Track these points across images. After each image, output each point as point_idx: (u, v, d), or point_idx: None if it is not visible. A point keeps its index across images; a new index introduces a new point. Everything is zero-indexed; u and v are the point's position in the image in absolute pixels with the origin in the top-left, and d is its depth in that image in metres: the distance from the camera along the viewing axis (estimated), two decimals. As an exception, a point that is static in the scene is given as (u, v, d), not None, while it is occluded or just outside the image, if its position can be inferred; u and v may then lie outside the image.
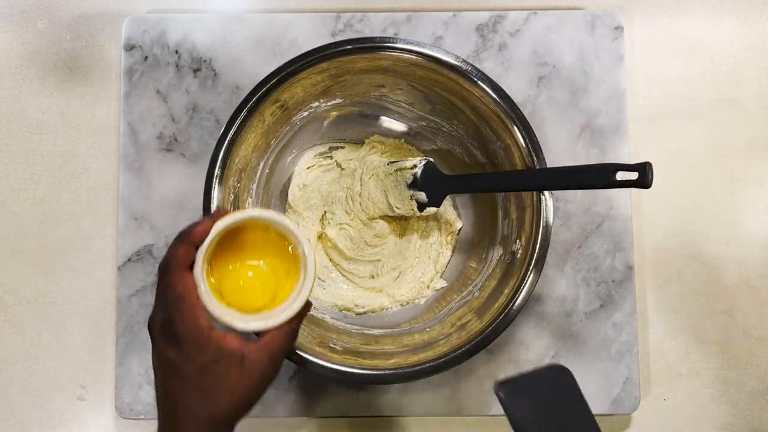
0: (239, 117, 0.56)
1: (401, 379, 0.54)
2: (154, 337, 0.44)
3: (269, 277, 0.49)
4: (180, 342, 0.42)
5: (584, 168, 0.54)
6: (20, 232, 0.68)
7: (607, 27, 0.70)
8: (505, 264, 0.61)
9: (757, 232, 0.70)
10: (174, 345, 0.42)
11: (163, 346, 0.43)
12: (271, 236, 0.48)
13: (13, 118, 0.69)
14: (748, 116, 0.71)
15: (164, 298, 0.43)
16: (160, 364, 0.44)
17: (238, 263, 0.48)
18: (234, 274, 0.48)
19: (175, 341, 0.42)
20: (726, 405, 0.68)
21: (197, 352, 0.42)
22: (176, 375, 0.43)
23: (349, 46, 0.57)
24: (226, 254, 0.48)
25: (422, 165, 0.63)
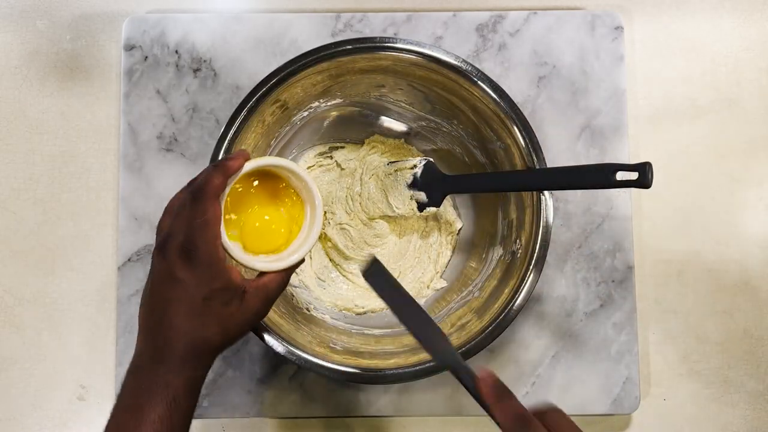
0: (239, 117, 0.56)
1: (401, 379, 0.54)
2: (166, 257, 0.43)
3: (280, 223, 0.52)
4: (196, 265, 0.43)
5: (584, 168, 0.54)
6: (20, 232, 0.68)
7: (607, 27, 0.70)
8: (505, 264, 0.61)
9: (757, 232, 0.70)
10: (189, 267, 0.43)
11: (178, 266, 0.43)
12: (286, 188, 0.52)
13: (13, 118, 0.70)
14: (748, 116, 0.71)
15: (190, 220, 0.43)
16: (165, 285, 0.43)
17: (255, 206, 0.51)
18: (249, 216, 0.51)
19: (192, 264, 0.42)
20: (726, 405, 0.68)
21: (210, 278, 0.43)
22: (183, 298, 0.43)
23: (349, 46, 0.57)
24: (242, 195, 0.51)
25: (422, 165, 0.63)
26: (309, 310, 0.64)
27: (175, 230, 0.44)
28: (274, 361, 0.65)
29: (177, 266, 0.43)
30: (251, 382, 0.65)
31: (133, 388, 0.43)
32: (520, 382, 0.66)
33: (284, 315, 0.59)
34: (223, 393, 0.65)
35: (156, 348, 0.43)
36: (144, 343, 0.44)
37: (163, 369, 0.43)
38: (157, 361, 0.43)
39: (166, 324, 0.43)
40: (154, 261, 0.45)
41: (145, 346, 0.44)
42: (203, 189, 0.44)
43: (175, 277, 0.43)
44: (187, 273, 0.43)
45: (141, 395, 0.42)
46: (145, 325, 0.44)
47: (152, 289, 0.44)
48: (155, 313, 0.44)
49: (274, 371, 0.65)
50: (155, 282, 0.44)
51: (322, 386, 0.65)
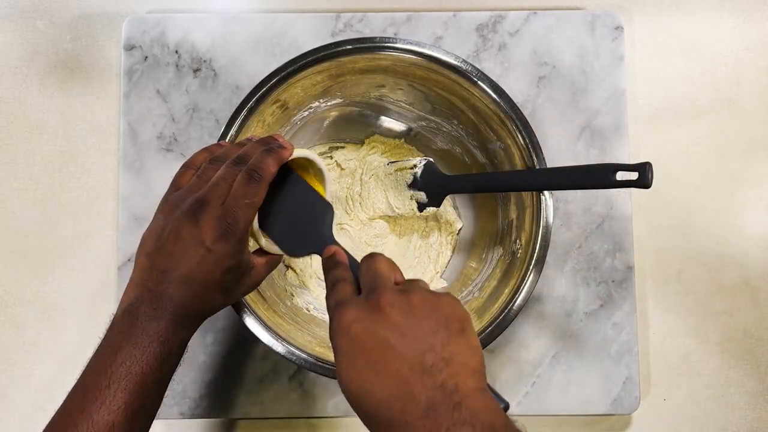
0: (239, 117, 0.56)
1: (401, 379, 0.54)
2: (199, 223, 0.43)
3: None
4: (229, 241, 0.44)
5: (584, 168, 0.54)
6: (20, 232, 0.68)
7: (607, 27, 0.70)
8: (505, 264, 0.61)
9: (757, 232, 0.70)
10: (222, 241, 0.43)
11: (211, 237, 0.43)
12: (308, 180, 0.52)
13: (13, 118, 0.70)
14: (748, 116, 0.71)
15: (239, 198, 0.44)
16: (189, 249, 0.43)
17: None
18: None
19: (226, 239, 0.43)
20: (726, 405, 0.68)
21: (234, 254, 0.44)
22: (204, 268, 0.44)
23: (349, 46, 0.57)
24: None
25: (422, 165, 0.63)
26: (309, 310, 0.64)
27: (213, 198, 0.44)
28: (274, 361, 0.65)
29: (209, 237, 0.43)
30: (251, 382, 0.65)
31: (127, 334, 0.43)
32: (520, 382, 0.66)
33: (284, 315, 0.59)
34: (223, 393, 0.65)
35: (160, 304, 0.43)
36: (146, 293, 0.44)
37: (162, 325, 0.43)
38: (157, 317, 0.43)
39: (179, 286, 0.43)
40: (178, 218, 0.44)
41: (146, 296, 0.44)
42: (260, 173, 0.45)
43: (205, 245, 0.43)
44: (218, 245, 0.43)
45: (136, 344, 0.42)
46: (150, 277, 0.44)
47: (169, 246, 0.44)
48: (169, 271, 0.44)
49: (274, 371, 0.65)
50: (173, 240, 0.44)
51: (322, 386, 0.65)
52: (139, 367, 0.42)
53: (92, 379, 0.42)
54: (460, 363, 0.35)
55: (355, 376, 0.36)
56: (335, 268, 0.44)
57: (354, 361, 0.36)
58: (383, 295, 0.38)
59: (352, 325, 0.37)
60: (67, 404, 0.42)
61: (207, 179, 0.45)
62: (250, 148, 0.47)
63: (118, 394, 0.41)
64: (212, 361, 0.65)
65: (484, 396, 0.35)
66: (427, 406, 0.33)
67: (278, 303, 0.60)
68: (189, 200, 0.44)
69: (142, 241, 0.46)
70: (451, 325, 0.37)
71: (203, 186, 0.45)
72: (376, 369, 0.35)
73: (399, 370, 0.35)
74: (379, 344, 0.36)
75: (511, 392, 0.65)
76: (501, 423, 0.33)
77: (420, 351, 0.35)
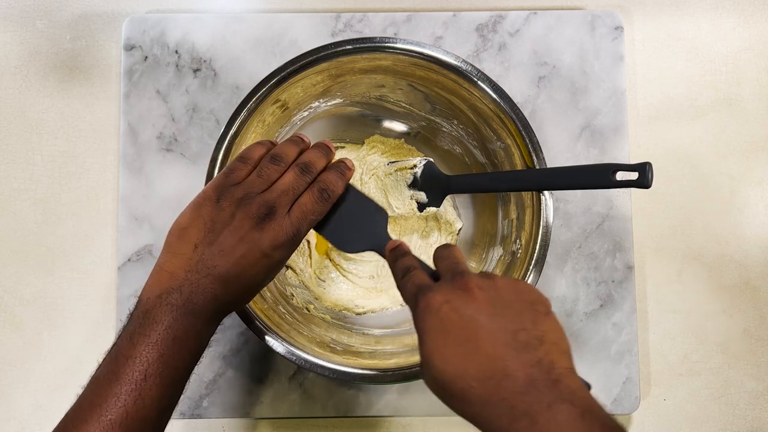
0: (239, 117, 0.56)
1: (401, 379, 0.54)
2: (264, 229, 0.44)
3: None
4: (288, 250, 0.46)
5: (584, 168, 0.54)
6: (20, 232, 0.68)
7: (607, 27, 0.70)
8: (505, 264, 0.61)
9: (757, 232, 0.70)
10: (283, 250, 0.45)
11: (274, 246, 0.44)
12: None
13: (13, 118, 0.70)
14: (748, 116, 0.71)
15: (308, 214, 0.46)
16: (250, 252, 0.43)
17: None
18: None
19: (288, 249, 0.45)
20: (726, 405, 0.68)
21: (285, 260, 0.46)
22: (257, 270, 0.44)
23: (349, 46, 0.57)
24: None
25: (422, 165, 0.63)
26: (309, 310, 0.64)
27: (281, 206, 0.45)
28: (274, 361, 0.65)
29: (270, 244, 0.44)
30: (251, 382, 0.65)
31: (167, 326, 0.41)
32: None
33: (284, 315, 0.59)
34: (223, 393, 0.65)
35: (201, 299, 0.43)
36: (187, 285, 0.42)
37: (201, 320, 0.43)
38: (196, 312, 0.42)
39: (225, 284, 0.43)
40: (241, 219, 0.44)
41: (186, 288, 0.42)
42: (330, 193, 0.47)
43: (263, 251, 0.44)
44: (275, 253, 0.45)
45: (176, 338, 0.42)
46: (196, 269, 0.43)
47: (226, 243, 0.43)
48: (219, 267, 0.43)
49: (274, 371, 0.65)
50: (232, 239, 0.43)
51: (322, 386, 0.65)
52: (174, 361, 0.41)
53: (127, 368, 0.40)
54: (551, 342, 0.36)
55: (447, 356, 0.36)
56: (404, 257, 0.45)
57: (445, 341, 0.36)
58: (470, 278, 0.39)
59: (442, 306, 0.37)
60: (96, 391, 0.40)
61: (267, 178, 0.46)
62: (312, 156, 0.48)
63: (153, 389, 0.40)
64: (212, 361, 0.65)
65: (576, 376, 0.36)
66: (527, 382, 0.34)
67: (278, 303, 0.60)
68: (256, 203, 0.44)
69: (185, 228, 0.44)
70: (537, 306, 0.38)
71: (263, 185, 0.45)
72: (469, 348, 0.36)
73: (493, 347, 0.35)
74: (471, 323, 0.36)
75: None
76: (595, 403, 0.34)
77: (512, 329, 0.36)
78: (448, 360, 0.36)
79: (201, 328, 0.43)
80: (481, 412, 0.35)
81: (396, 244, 0.47)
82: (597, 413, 0.33)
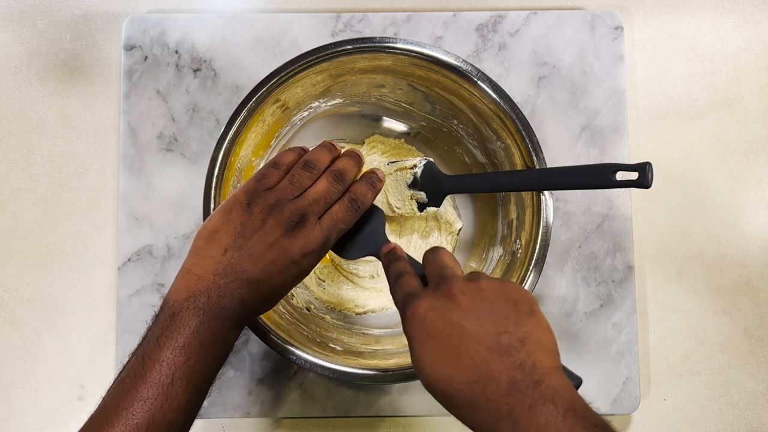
0: (239, 117, 0.56)
1: (401, 379, 0.54)
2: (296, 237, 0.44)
3: None
4: (316, 258, 0.46)
5: (584, 168, 0.54)
6: (20, 232, 0.68)
7: (607, 27, 0.70)
8: (505, 264, 0.61)
9: (757, 232, 0.70)
10: (312, 257, 0.45)
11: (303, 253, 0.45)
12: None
13: (13, 118, 0.70)
14: (748, 116, 0.71)
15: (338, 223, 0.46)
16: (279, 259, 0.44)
17: None
18: None
19: (316, 257, 0.46)
20: (726, 405, 0.68)
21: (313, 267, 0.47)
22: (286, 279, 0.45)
23: (349, 46, 0.57)
24: None
25: (422, 165, 0.63)
26: (309, 310, 0.64)
27: (312, 214, 0.45)
28: (274, 361, 0.65)
29: (300, 252, 0.44)
30: (251, 382, 0.65)
31: (194, 330, 0.41)
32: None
33: (284, 315, 0.59)
34: (223, 393, 0.65)
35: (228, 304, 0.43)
36: (215, 289, 0.42)
37: (227, 324, 0.43)
38: (223, 316, 0.42)
39: (253, 289, 0.43)
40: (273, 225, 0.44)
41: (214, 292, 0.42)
42: (360, 204, 0.48)
43: (293, 258, 0.44)
44: (305, 260, 0.45)
45: (203, 342, 0.42)
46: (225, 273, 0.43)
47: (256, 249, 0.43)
48: (248, 272, 0.43)
49: (274, 371, 0.65)
50: (262, 244, 0.43)
51: (322, 386, 0.65)
52: (201, 366, 0.41)
53: (155, 371, 0.40)
54: (534, 341, 0.37)
55: (434, 362, 0.37)
56: (397, 262, 0.46)
57: (432, 347, 0.37)
58: (454, 283, 0.39)
59: (427, 314, 0.38)
60: (124, 392, 0.40)
61: (299, 185, 0.46)
62: (346, 164, 0.49)
63: (181, 393, 0.40)
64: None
65: (561, 374, 0.37)
66: (509, 385, 0.35)
67: (278, 303, 0.60)
68: (288, 210, 0.44)
69: (214, 231, 0.44)
70: (520, 307, 0.38)
71: (295, 192, 0.45)
72: (455, 353, 0.37)
73: (477, 352, 0.36)
74: (455, 329, 0.37)
75: (511, 392, 0.65)
76: (579, 401, 0.35)
77: (495, 332, 0.37)
78: (435, 366, 0.37)
79: (227, 332, 0.43)
80: (468, 414, 0.36)
81: (389, 248, 0.48)
82: (581, 411, 0.34)
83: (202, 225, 0.45)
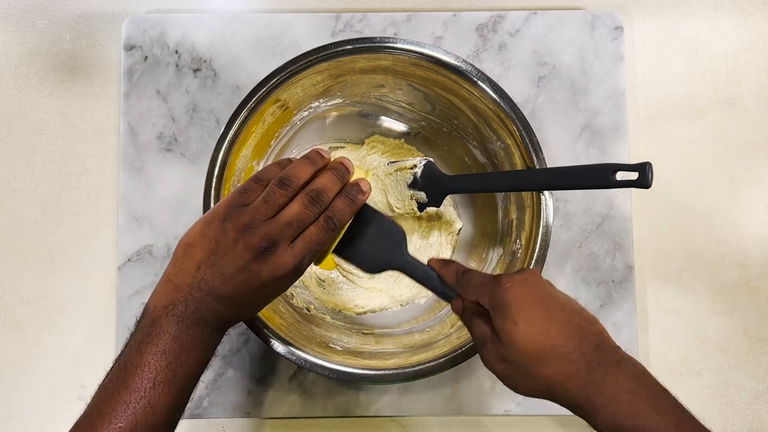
0: (239, 117, 0.56)
1: (401, 379, 0.54)
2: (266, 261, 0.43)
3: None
4: (289, 281, 0.45)
5: (584, 168, 0.54)
6: (20, 232, 0.68)
7: (607, 27, 0.70)
8: (505, 264, 0.61)
9: (757, 232, 0.70)
10: (284, 281, 0.45)
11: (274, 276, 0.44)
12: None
13: (13, 118, 0.70)
14: (748, 116, 0.71)
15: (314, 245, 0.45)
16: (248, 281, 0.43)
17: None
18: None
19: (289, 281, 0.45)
20: (726, 405, 0.68)
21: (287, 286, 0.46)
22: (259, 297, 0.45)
23: (349, 46, 0.57)
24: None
25: (422, 165, 0.63)
26: (309, 310, 0.64)
27: (284, 239, 0.43)
28: (274, 361, 0.65)
29: (270, 276, 0.43)
30: (251, 382, 0.65)
31: (173, 336, 0.42)
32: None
33: (284, 315, 0.59)
34: (223, 393, 0.65)
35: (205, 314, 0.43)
36: (191, 300, 0.43)
37: (207, 331, 0.44)
38: (201, 324, 0.43)
39: (226, 305, 0.44)
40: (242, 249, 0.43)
41: (191, 304, 0.43)
42: (337, 222, 0.46)
43: (263, 281, 0.43)
44: (276, 284, 0.44)
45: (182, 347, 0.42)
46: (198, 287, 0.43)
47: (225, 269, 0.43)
48: (219, 288, 0.43)
49: (274, 371, 0.65)
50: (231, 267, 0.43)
51: (322, 386, 0.65)
52: (183, 370, 0.42)
53: (135, 377, 0.41)
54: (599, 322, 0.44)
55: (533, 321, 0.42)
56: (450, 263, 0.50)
57: (531, 308, 0.43)
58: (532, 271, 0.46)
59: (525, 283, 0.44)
60: (106, 399, 0.41)
61: (273, 204, 0.44)
62: (325, 182, 0.46)
63: (162, 397, 0.41)
64: (212, 360, 0.65)
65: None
66: (596, 344, 0.42)
67: (278, 303, 0.60)
68: (258, 235, 0.43)
69: (191, 245, 0.44)
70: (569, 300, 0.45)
71: (269, 212, 0.43)
72: (551, 314, 0.43)
73: (569, 316, 0.43)
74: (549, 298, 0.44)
75: (511, 393, 0.65)
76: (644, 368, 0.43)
77: (578, 308, 0.44)
78: (534, 324, 0.42)
79: (207, 338, 0.44)
80: (558, 369, 0.41)
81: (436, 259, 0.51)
82: (650, 376, 0.42)
83: (185, 233, 0.45)
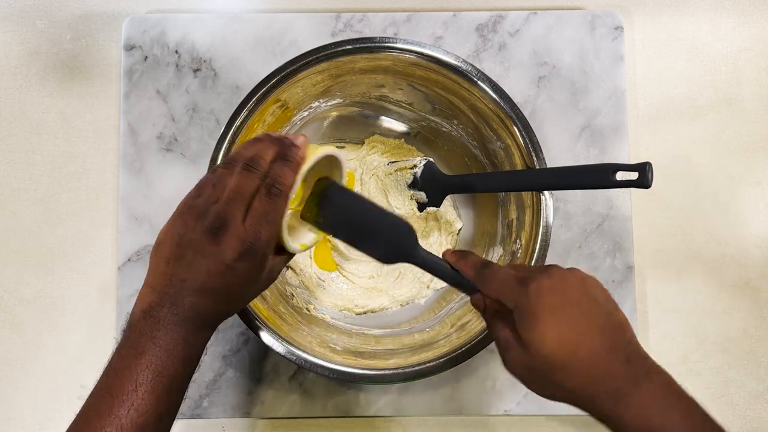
0: (239, 117, 0.56)
1: (401, 379, 0.54)
2: (221, 243, 0.42)
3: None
4: (254, 259, 0.43)
5: (584, 168, 0.54)
6: (20, 232, 0.68)
7: (607, 27, 0.70)
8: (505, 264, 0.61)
9: (757, 232, 0.70)
10: (247, 260, 0.43)
11: (234, 258, 0.42)
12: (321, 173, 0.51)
13: (13, 118, 0.70)
14: (748, 116, 0.71)
15: (262, 216, 0.43)
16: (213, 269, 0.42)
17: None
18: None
19: (251, 258, 0.43)
20: (726, 405, 0.68)
21: (260, 268, 0.45)
22: (230, 283, 0.43)
23: (349, 46, 0.57)
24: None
25: (422, 165, 0.63)
26: (309, 310, 0.64)
27: (233, 215, 0.42)
28: (274, 361, 0.65)
29: (230, 256, 0.42)
30: (251, 382, 0.65)
31: (152, 337, 0.42)
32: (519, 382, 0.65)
33: (284, 315, 0.59)
34: (223, 393, 0.65)
35: (181, 310, 0.42)
36: (166, 298, 0.42)
37: (185, 329, 0.43)
38: (179, 322, 0.42)
39: (200, 297, 0.43)
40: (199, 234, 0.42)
41: (166, 302, 0.42)
42: (279, 186, 0.44)
43: (226, 264, 0.42)
44: (239, 264, 0.43)
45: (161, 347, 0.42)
46: (171, 284, 0.43)
47: (188, 258, 0.42)
48: (189, 281, 0.42)
49: (274, 371, 0.65)
50: (193, 254, 0.42)
51: (322, 386, 0.65)
52: (166, 370, 0.42)
53: (117, 381, 0.41)
54: (630, 328, 0.42)
55: (563, 330, 0.40)
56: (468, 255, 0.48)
57: (562, 316, 0.41)
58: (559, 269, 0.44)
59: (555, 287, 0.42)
60: (91, 406, 0.42)
61: (222, 185, 0.44)
62: (262, 147, 0.45)
63: (146, 398, 0.41)
64: (212, 361, 0.65)
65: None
66: (626, 358, 0.40)
67: (278, 303, 0.60)
68: (210, 216, 0.42)
69: (159, 243, 0.44)
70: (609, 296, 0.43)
71: (220, 194, 0.43)
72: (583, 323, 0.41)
73: (598, 325, 0.41)
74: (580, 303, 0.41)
75: (511, 392, 0.65)
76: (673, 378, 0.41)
77: (605, 312, 0.42)
78: (564, 334, 0.40)
79: (190, 337, 0.43)
80: (588, 383, 0.40)
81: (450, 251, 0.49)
82: (677, 386, 0.41)
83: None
